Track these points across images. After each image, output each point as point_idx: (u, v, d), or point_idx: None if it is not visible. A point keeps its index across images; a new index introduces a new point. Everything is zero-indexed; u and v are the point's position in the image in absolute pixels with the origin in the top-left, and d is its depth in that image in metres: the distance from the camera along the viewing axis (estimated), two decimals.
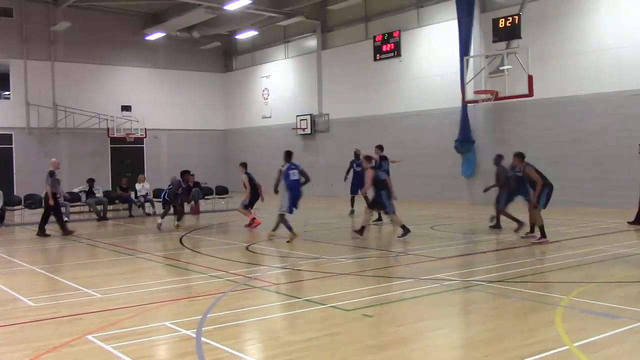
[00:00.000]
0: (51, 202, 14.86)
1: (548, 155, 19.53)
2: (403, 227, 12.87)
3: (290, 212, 13.01)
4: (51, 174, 15.03)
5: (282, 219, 12.92)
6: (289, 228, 12.83)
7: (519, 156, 12.50)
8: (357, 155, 18.89)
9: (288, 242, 12.66)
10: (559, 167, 19.38)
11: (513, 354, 5.34)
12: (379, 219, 16.16)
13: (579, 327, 6.18)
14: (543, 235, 11.80)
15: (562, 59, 19.68)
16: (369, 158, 13.75)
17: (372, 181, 12.92)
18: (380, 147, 16.75)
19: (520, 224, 13.23)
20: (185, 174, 16.70)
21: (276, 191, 13.31)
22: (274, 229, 13.17)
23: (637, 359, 5.27)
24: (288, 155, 13.40)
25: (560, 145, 19.58)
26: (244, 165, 16.36)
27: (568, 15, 19.59)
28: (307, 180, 13.25)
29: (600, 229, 14.06)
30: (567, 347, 5.47)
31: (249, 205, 16.21)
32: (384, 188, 12.91)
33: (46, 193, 15.12)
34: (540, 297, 7.43)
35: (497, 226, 14.02)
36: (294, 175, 13.09)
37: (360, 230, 13.18)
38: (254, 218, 15.85)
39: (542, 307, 7.03)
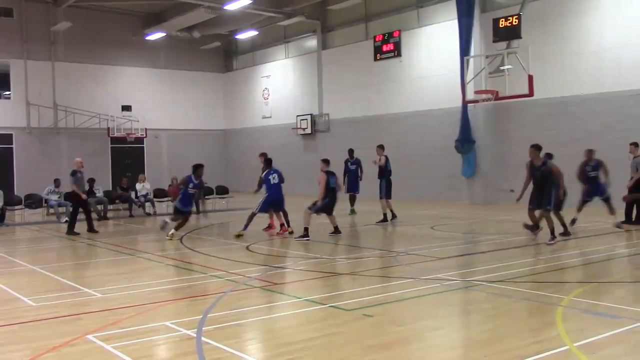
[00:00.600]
0: (83, 196, 15.42)
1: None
2: (306, 229, 13.19)
3: (262, 211, 14.08)
4: (73, 173, 15.39)
5: (250, 217, 13.93)
6: (246, 226, 13.79)
7: (537, 148, 11.97)
8: (351, 153, 19.16)
9: (236, 236, 13.59)
10: (559, 167, 19.35)
11: (513, 354, 5.34)
12: (384, 219, 16.12)
13: (579, 327, 6.18)
14: (554, 235, 11.69)
15: (563, 58, 19.68)
16: (326, 161, 14.03)
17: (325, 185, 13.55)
18: (382, 147, 16.72)
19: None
20: (198, 168, 14.12)
21: (256, 192, 14.66)
22: (244, 228, 13.93)
23: (637, 359, 5.27)
24: (268, 162, 14.67)
25: (560, 145, 19.50)
26: (265, 155, 15.51)
27: (568, 15, 19.59)
28: (282, 181, 14.43)
29: (601, 229, 14.05)
30: (567, 347, 5.47)
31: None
32: (333, 192, 13.78)
33: (72, 192, 15.42)
34: (540, 297, 7.43)
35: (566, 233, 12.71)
36: (274, 179, 14.19)
37: (335, 230, 13.74)
38: (273, 224, 14.84)
39: (542, 307, 7.03)
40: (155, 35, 29.70)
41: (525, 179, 12.13)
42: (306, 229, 13.14)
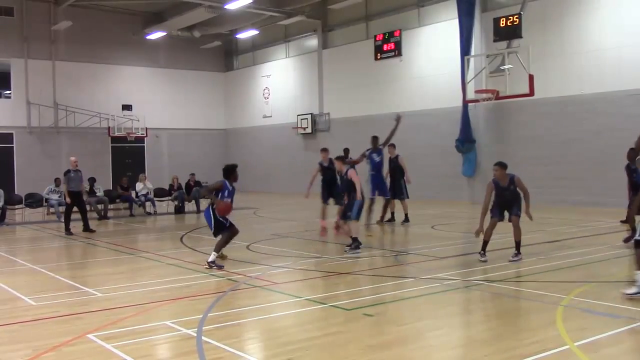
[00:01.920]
0: (67, 200, 15.42)
1: (549, 154, 19.55)
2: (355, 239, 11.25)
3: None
4: (65, 172, 15.59)
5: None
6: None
7: (503, 167, 9.96)
8: (346, 153, 18.77)
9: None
10: (560, 166, 19.39)
11: (513, 353, 5.34)
12: (392, 219, 15.97)
13: (580, 326, 6.18)
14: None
15: (563, 58, 19.67)
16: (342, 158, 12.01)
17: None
18: (394, 146, 16.17)
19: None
20: (233, 171, 10.48)
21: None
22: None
23: (637, 358, 5.27)
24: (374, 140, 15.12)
25: (561, 144, 19.57)
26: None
27: (569, 15, 19.58)
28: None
29: (601, 228, 14.04)
30: (567, 346, 5.47)
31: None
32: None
33: (68, 191, 15.59)
34: (540, 297, 7.42)
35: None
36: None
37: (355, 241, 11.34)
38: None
39: (542, 306, 7.02)
40: (156, 35, 29.71)
41: (483, 204, 10.07)
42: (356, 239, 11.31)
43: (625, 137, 17.77)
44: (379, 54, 25.30)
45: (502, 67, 18.41)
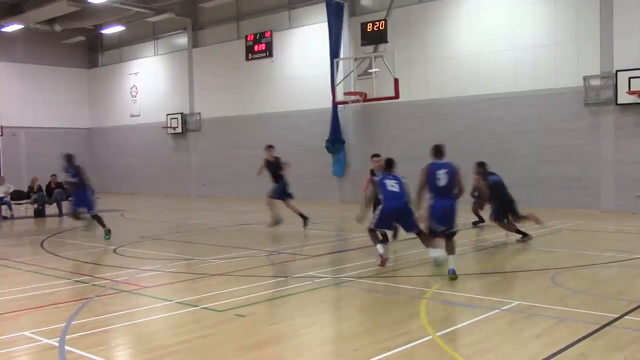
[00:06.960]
0: None
1: (413, 155, 20.35)
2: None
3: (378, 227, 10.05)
4: None
5: (370, 235, 9.97)
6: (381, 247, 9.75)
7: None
8: None
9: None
10: (423, 165, 20.31)
11: (382, 346, 5.55)
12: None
13: (442, 317, 6.54)
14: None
15: (426, 63, 20.65)
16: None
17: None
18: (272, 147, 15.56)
19: None
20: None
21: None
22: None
23: (492, 343, 5.66)
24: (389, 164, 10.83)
25: (424, 145, 20.42)
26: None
27: (430, 22, 20.55)
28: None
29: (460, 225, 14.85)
30: (430, 336, 5.77)
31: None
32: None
33: None
34: (406, 291, 7.77)
35: None
36: (392, 186, 10.19)
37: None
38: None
39: (408, 300, 7.36)
40: (12, 27, 27.78)
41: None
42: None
43: (483, 138, 19.08)
44: (250, 54, 25.30)
45: (369, 71, 19.02)
